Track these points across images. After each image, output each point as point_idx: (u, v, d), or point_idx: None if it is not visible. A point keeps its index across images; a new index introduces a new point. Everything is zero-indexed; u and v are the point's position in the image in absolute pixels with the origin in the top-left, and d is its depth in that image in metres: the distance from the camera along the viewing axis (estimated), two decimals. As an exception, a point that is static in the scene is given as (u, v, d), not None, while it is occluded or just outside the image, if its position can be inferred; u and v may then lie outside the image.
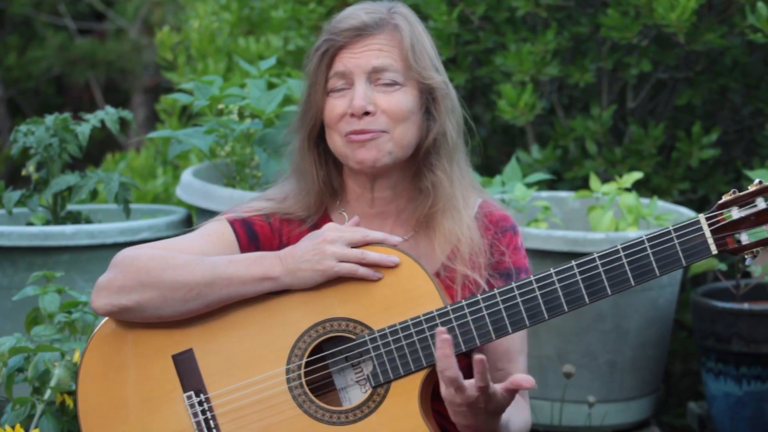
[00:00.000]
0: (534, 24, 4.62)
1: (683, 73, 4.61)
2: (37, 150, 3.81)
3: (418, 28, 2.68)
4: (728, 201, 2.46)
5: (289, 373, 2.57)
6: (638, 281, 2.48)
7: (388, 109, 2.62)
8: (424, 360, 2.53)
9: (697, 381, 4.74)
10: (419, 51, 2.65)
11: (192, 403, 2.59)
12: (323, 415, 2.55)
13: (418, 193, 2.69)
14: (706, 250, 2.46)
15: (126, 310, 2.58)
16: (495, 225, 2.73)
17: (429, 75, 2.65)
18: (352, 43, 2.62)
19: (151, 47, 8.64)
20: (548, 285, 2.51)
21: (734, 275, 4.05)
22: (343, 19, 2.65)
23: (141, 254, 2.60)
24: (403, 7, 2.70)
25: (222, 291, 2.56)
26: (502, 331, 2.52)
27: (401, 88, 2.63)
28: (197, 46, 5.35)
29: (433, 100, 2.67)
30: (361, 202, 2.72)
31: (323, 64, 2.64)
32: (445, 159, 2.68)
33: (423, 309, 2.53)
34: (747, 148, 4.76)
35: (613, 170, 4.50)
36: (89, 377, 2.62)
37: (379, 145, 2.62)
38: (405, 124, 2.63)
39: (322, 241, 2.55)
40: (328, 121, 2.65)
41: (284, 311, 2.58)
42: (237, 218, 2.70)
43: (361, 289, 2.55)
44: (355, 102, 2.60)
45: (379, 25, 2.63)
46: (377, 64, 2.61)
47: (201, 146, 3.80)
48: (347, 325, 2.56)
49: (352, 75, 2.62)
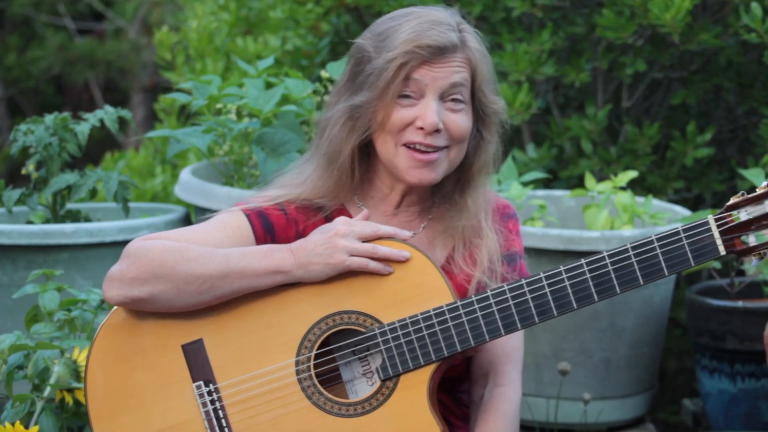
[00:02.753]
0: (530, 24, 4.64)
1: (678, 72, 4.62)
2: (37, 149, 3.81)
3: (485, 52, 2.69)
4: (737, 203, 2.48)
5: (298, 365, 2.58)
6: (647, 280, 2.50)
7: (453, 129, 2.64)
8: (433, 354, 2.55)
9: (691, 378, 4.75)
10: (488, 78, 2.68)
11: (201, 392, 2.60)
12: (332, 407, 2.57)
13: (451, 207, 2.73)
14: (714, 251, 2.48)
15: (138, 301, 2.58)
16: (500, 212, 2.80)
17: (493, 100, 2.69)
18: (433, 61, 2.61)
19: (149, 47, 8.65)
20: (558, 282, 2.53)
21: (728, 273, 4.06)
22: (429, 30, 2.61)
23: (154, 246, 2.59)
24: (466, 24, 2.70)
25: (234, 284, 2.57)
26: (511, 327, 2.54)
27: (465, 108, 2.65)
28: (196, 45, 5.36)
29: (485, 121, 2.71)
30: (386, 203, 2.74)
31: (401, 75, 2.61)
32: (486, 178, 2.74)
33: (433, 304, 2.56)
34: (741, 147, 4.77)
35: (609, 169, 4.51)
36: (98, 365, 2.63)
37: (438, 167, 2.65)
38: (461, 145, 2.67)
39: (334, 235, 2.57)
40: (391, 127, 2.64)
41: (294, 303, 2.59)
42: (253, 210, 2.70)
43: (371, 283, 2.57)
44: (429, 119, 2.60)
45: (459, 47, 2.63)
46: (456, 80, 2.62)
47: (199, 145, 3.81)
48: (357, 318, 2.57)
49: (427, 88, 2.62)
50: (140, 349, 2.62)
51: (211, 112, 3.95)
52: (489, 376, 2.72)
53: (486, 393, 2.70)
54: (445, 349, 2.54)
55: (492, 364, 2.72)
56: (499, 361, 2.72)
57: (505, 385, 2.70)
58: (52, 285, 3.22)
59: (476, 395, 2.73)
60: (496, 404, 2.67)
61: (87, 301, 3.17)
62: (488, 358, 2.72)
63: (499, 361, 2.72)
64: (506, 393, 2.69)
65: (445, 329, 2.54)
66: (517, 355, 2.75)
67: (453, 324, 2.54)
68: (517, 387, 2.72)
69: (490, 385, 2.70)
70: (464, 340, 2.54)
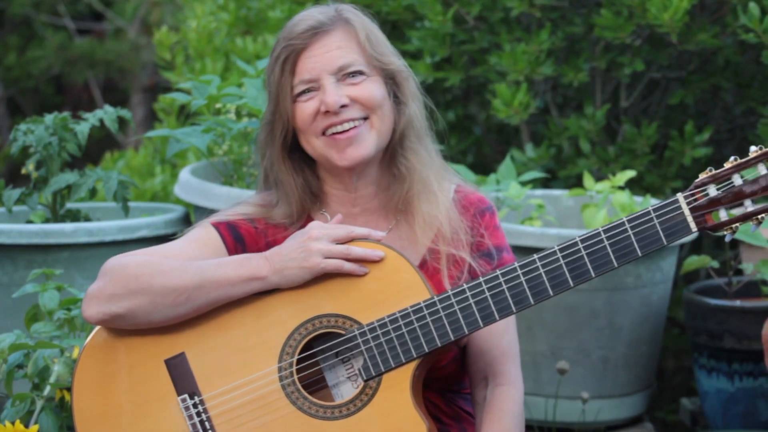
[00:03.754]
0: (528, 24, 4.64)
1: (676, 72, 4.63)
2: (37, 148, 3.82)
3: (366, 19, 2.71)
4: (705, 179, 2.50)
5: (281, 371, 2.59)
6: (621, 262, 2.51)
7: (359, 96, 2.65)
8: (414, 351, 2.56)
9: (689, 377, 4.76)
10: (375, 40, 2.69)
11: (187, 405, 2.61)
12: (317, 411, 2.58)
13: (393, 180, 2.73)
14: (685, 228, 2.49)
15: (117, 317, 2.59)
16: (473, 206, 2.78)
17: (390, 60, 2.70)
18: (310, 45, 2.65)
19: (149, 47, 8.65)
20: (533, 271, 2.53)
21: (726, 273, 4.07)
22: (298, 23, 2.67)
23: (130, 262, 2.61)
24: (346, 5, 2.73)
25: (211, 294, 2.58)
26: (489, 318, 2.55)
27: (367, 77, 2.66)
28: (195, 45, 5.37)
29: (397, 85, 2.71)
30: (344, 203, 2.76)
31: (286, 71, 2.66)
32: (415, 142, 2.72)
33: (410, 301, 2.56)
34: (739, 146, 4.77)
35: (607, 169, 4.52)
36: (83, 386, 2.64)
37: (363, 139, 2.66)
38: (380, 111, 2.67)
39: (308, 239, 2.58)
40: (301, 125, 2.67)
41: (273, 310, 2.60)
42: (221, 222, 2.73)
43: (348, 285, 2.58)
44: (328, 99, 2.63)
45: (333, 22, 2.66)
46: (341, 63, 2.64)
47: (199, 145, 3.81)
48: (336, 320, 2.58)
49: (319, 78, 2.64)
50: (124, 367, 2.63)
51: (210, 111, 3.95)
52: (489, 378, 2.73)
53: (488, 394, 2.71)
54: (425, 345, 2.55)
55: (490, 366, 2.73)
56: (496, 362, 2.73)
57: (506, 384, 2.71)
58: (52, 284, 3.23)
59: (479, 397, 2.73)
60: (500, 404, 2.68)
61: (87, 300, 3.17)
62: (485, 361, 2.73)
63: (496, 362, 2.73)
64: (508, 391, 2.70)
65: (423, 325, 2.55)
66: (513, 352, 2.75)
67: (431, 320, 2.55)
68: (518, 384, 2.73)
69: (491, 386, 2.71)
70: (443, 334, 2.55)
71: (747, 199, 2.48)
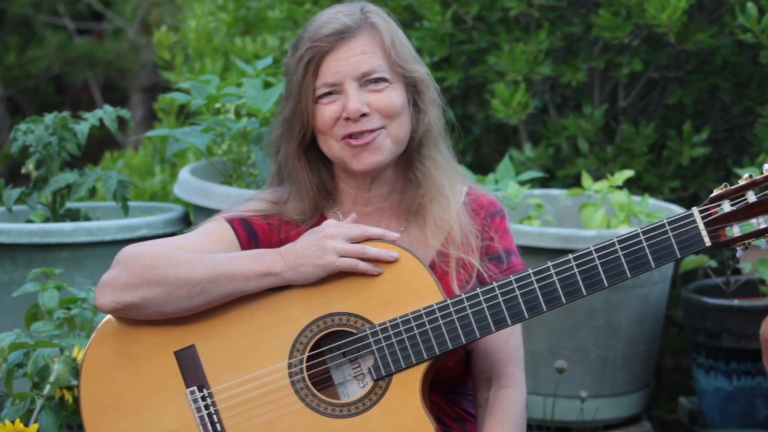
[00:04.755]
0: (527, 24, 4.65)
1: (674, 72, 4.63)
2: (37, 148, 3.82)
3: (392, 24, 2.71)
4: (720, 194, 2.52)
5: (291, 367, 2.59)
6: (634, 273, 2.53)
7: (381, 107, 2.65)
8: (425, 353, 2.56)
9: (687, 376, 4.77)
10: (399, 46, 2.68)
11: (195, 398, 2.61)
12: (325, 408, 2.58)
13: (408, 184, 2.74)
14: (699, 242, 2.52)
15: (130, 307, 2.59)
16: (484, 210, 2.79)
17: (413, 68, 2.70)
18: (336, 48, 2.64)
19: (149, 47, 8.65)
20: (546, 278, 2.55)
21: (724, 272, 4.07)
22: (324, 25, 2.66)
23: (145, 251, 2.60)
24: (372, 5, 2.73)
25: (225, 287, 2.58)
26: (501, 323, 2.56)
27: (390, 85, 2.67)
28: (194, 45, 5.38)
29: (419, 93, 2.72)
30: (357, 203, 2.76)
31: (309, 72, 2.65)
32: (432, 149, 2.73)
33: (422, 303, 2.57)
34: (737, 146, 4.78)
35: (605, 168, 4.52)
36: (91, 374, 2.64)
37: (380, 147, 2.66)
38: (399, 119, 2.67)
39: (323, 237, 2.58)
40: (321, 127, 2.67)
41: (286, 306, 2.60)
42: (235, 217, 2.73)
43: (361, 284, 2.59)
44: (351, 106, 2.63)
45: (360, 25, 2.66)
46: (365, 69, 2.64)
47: (198, 144, 3.82)
48: (348, 319, 2.59)
49: (343, 83, 2.64)
50: (133, 357, 2.63)
51: (209, 111, 3.96)
52: (492, 380, 2.73)
53: (491, 396, 2.71)
54: (436, 347, 2.56)
55: (494, 368, 2.73)
56: (501, 364, 2.73)
57: (509, 386, 2.72)
58: (52, 283, 3.23)
59: (481, 398, 2.74)
60: (502, 406, 2.68)
61: (86, 299, 3.17)
62: (490, 362, 2.73)
63: (501, 364, 2.73)
64: (511, 394, 2.71)
65: (435, 328, 2.56)
66: (518, 356, 2.76)
67: (443, 322, 2.56)
68: (521, 387, 2.74)
69: (495, 388, 2.72)
70: (455, 337, 2.56)
71: (760, 216, 2.50)
